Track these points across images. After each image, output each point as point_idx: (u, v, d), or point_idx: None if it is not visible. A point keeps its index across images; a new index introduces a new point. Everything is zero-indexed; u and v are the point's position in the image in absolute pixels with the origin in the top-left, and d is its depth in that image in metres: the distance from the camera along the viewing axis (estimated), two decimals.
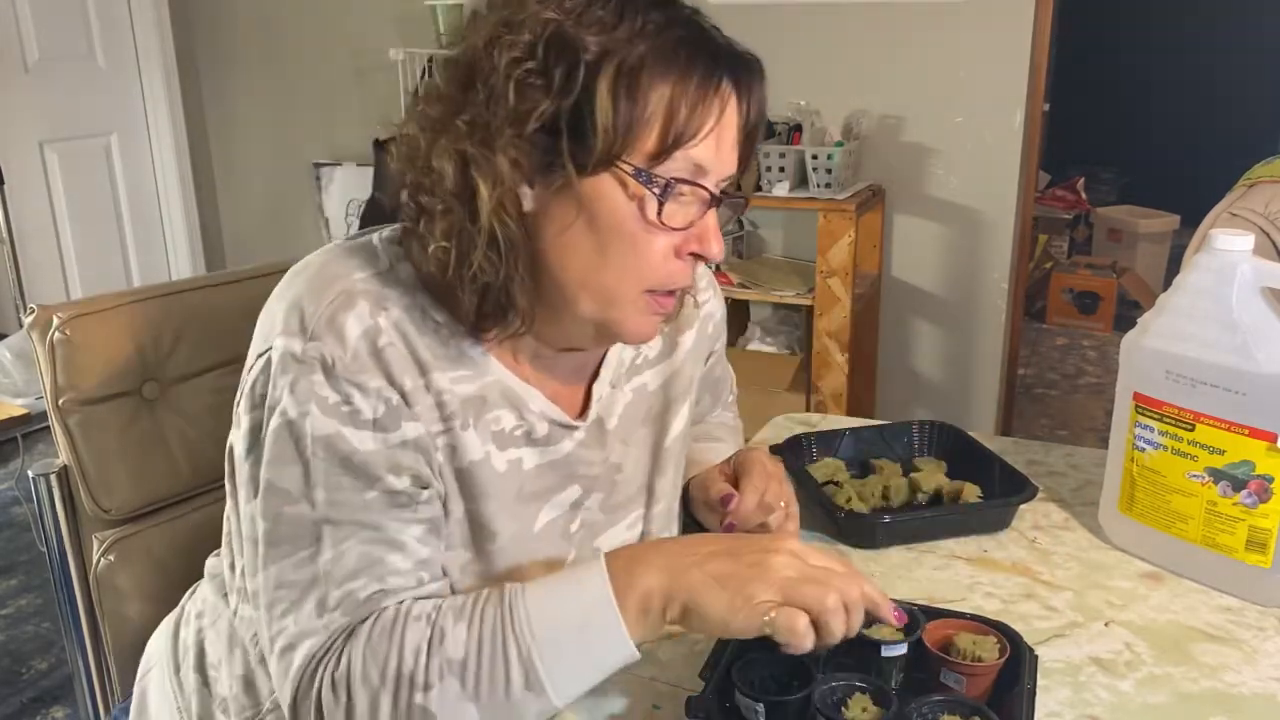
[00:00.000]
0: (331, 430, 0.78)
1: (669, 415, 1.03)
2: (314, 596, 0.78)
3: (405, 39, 3.39)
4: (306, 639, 0.77)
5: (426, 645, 0.76)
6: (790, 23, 2.94)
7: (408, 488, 0.81)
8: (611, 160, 0.78)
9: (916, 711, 0.78)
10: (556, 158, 0.78)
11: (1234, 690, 0.89)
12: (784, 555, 0.77)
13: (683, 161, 0.79)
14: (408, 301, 0.83)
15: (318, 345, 0.78)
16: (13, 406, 2.08)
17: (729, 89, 0.81)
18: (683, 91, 0.78)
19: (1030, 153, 2.89)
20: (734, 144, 0.83)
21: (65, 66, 3.53)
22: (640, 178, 0.78)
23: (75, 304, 1.04)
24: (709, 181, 0.81)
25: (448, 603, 0.78)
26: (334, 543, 0.78)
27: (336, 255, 0.86)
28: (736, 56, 0.82)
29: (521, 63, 0.77)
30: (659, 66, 0.78)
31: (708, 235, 0.83)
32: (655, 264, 0.82)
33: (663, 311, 0.86)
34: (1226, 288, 0.99)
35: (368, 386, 0.79)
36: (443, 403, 0.83)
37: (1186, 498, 1.04)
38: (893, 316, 3.11)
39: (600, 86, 0.76)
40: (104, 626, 1.10)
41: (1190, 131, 5.68)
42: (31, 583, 2.63)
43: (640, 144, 0.78)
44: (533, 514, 0.90)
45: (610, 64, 0.77)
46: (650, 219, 0.80)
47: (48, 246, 3.56)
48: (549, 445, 0.91)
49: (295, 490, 0.78)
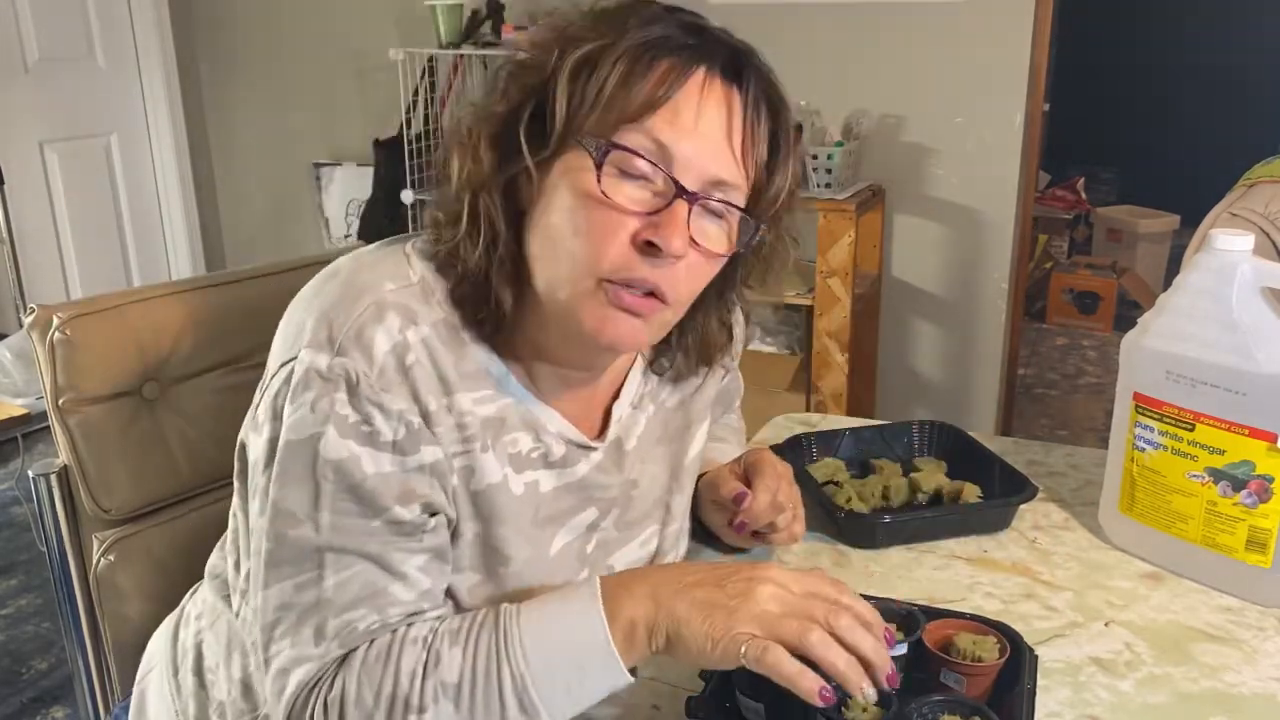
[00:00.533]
0: (345, 454, 0.77)
1: (688, 434, 1.02)
2: (313, 622, 0.78)
3: (405, 39, 3.39)
4: (301, 665, 0.77)
5: (422, 669, 0.76)
6: (790, 23, 2.94)
7: (414, 517, 0.80)
8: (566, 140, 0.79)
9: (916, 711, 0.78)
10: (519, 141, 0.80)
11: (1234, 690, 0.89)
12: (769, 586, 0.76)
13: (639, 137, 0.78)
14: (437, 317, 0.82)
15: (343, 361, 0.77)
16: (13, 406, 2.08)
17: (699, 70, 0.79)
18: (638, 65, 0.78)
19: (1030, 153, 2.89)
20: (719, 138, 0.80)
21: (65, 66, 3.53)
22: (584, 144, 0.78)
23: (75, 304, 1.04)
24: (677, 169, 0.78)
25: (444, 625, 0.78)
26: (336, 570, 0.78)
27: (368, 263, 0.85)
28: (723, 50, 0.81)
29: (519, 59, 0.83)
30: (624, 48, 0.78)
31: (666, 224, 0.77)
32: (602, 245, 0.78)
33: (625, 305, 0.80)
34: (1226, 288, 0.99)
35: (390, 409, 0.78)
36: (464, 424, 0.82)
37: (1186, 498, 1.04)
38: (893, 316, 3.11)
39: (563, 69, 0.79)
40: (104, 626, 1.10)
41: (1190, 131, 5.68)
42: (31, 583, 2.63)
43: (591, 120, 0.78)
44: (549, 537, 0.90)
45: (579, 51, 0.79)
46: (591, 190, 0.77)
47: (48, 246, 3.56)
48: (565, 467, 0.90)
49: (301, 512, 0.78)
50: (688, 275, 0.82)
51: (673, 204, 0.78)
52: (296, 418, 0.78)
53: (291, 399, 0.78)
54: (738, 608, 0.75)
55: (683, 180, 0.78)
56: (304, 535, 0.78)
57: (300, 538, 0.78)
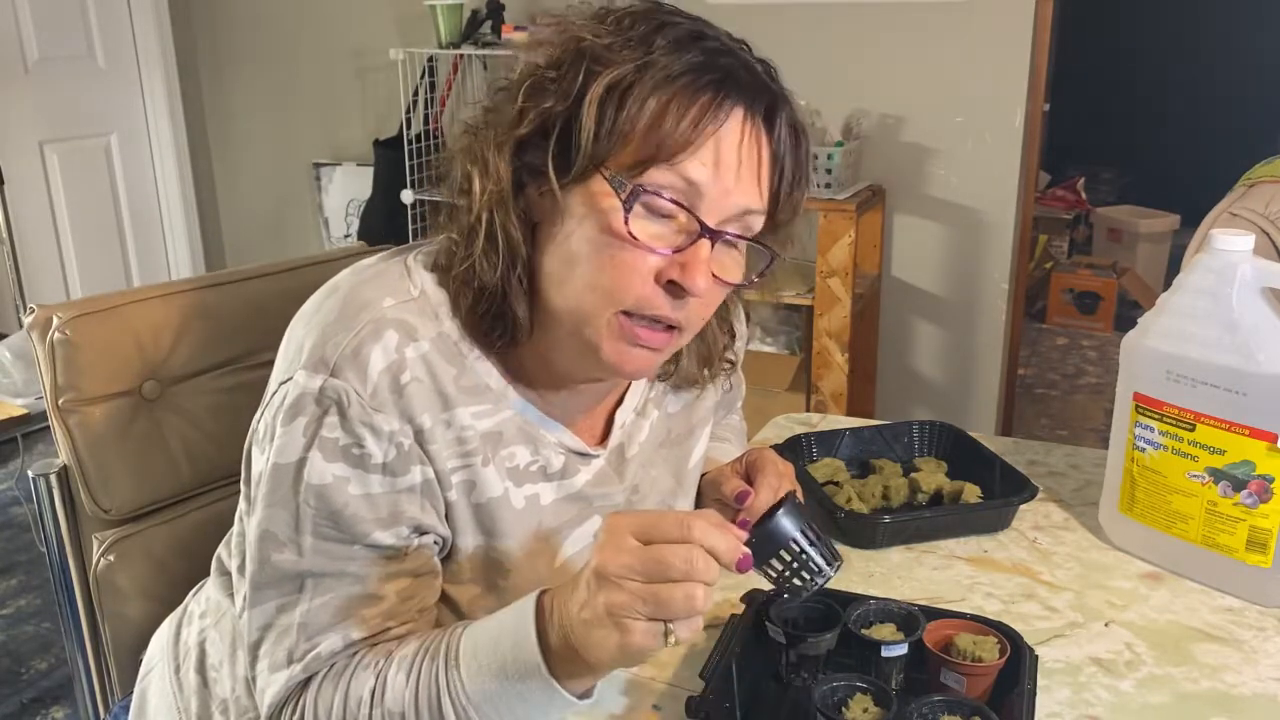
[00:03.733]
0: (329, 479, 0.78)
1: (691, 439, 1.03)
2: (286, 645, 0.80)
3: (405, 39, 3.39)
4: (274, 685, 0.81)
5: (370, 696, 0.77)
6: (790, 23, 2.94)
7: (397, 541, 0.81)
8: (592, 168, 0.77)
9: (916, 711, 0.78)
10: (544, 162, 0.78)
11: (1234, 690, 0.89)
12: (615, 562, 0.69)
13: (671, 176, 0.77)
14: (437, 331, 0.82)
15: (336, 384, 0.78)
16: (13, 406, 2.08)
17: (733, 108, 0.78)
18: (672, 103, 0.76)
19: (1030, 153, 2.89)
20: (735, 166, 0.78)
21: (65, 66, 3.52)
22: (614, 184, 0.77)
23: (75, 304, 1.04)
24: (703, 208, 0.78)
25: (399, 650, 0.79)
26: (314, 594, 0.80)
27: (367, 277, 0.84)
28: (750, 79, 0.79)
29: (540, 69, 0.79)
30: (655, 81, 0.76)
31: (691, 264, 0.78)
32: (626, 282, 0.78)
33: (642, 342, 0.81)
34: (1227, 288, 0.99)
35: (381, 430, 0.78)
36: (464, 438, 0.83)
37: (1187, 498, 1.04)
38: (893, 316, 3.11)
39: (591, 93, 0.76)
40: (104, 626, 1.10)
41: (1190, 131, 5.68)
42: (31, 583, 2.63)
43: (621, 153, 0.77)
44: (553, 549, 0.90)
45: (608, 74, 0.76)
46: (618, 229, 0.77)
47: (48, 246, 3.56)
48: (565, 479, 0.90)
49: (284, 535, 0.80)
50: (703, 305, 0.83)
51: (697, 242, 0.78)
52: (284, 441, 0.79)
53: (283, 422, 0.79)
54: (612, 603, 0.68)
55: (708, 219, 0.78)
56: (286, 559, 0.80)
57: (283, 561, 0.80)
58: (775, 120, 0.81)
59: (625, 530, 0.70)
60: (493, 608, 0.86)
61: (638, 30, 0.78)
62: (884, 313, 3.11)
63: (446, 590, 0.86)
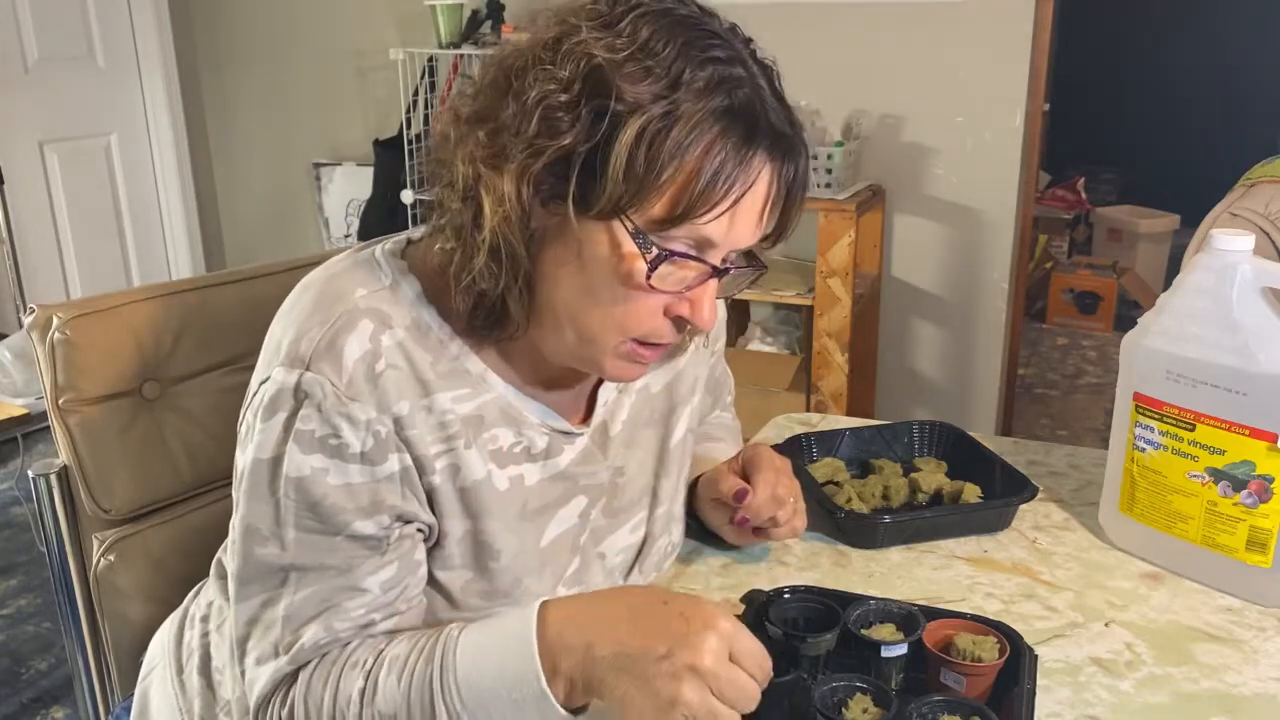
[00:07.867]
0: (307, 471, 0.78)
1: (673, 417, 1.03)
2: (271, 638, 0.81)
3: (405, 39, 3.39)
4: (261, 679, 0.81)
5: (359, 696, 0.78)
6: (790, 23, 2.94)
7: (379, 530, 0.81)
8: (615, 214, 0.76)
9: (916, 711, 0.78)
10: (563, 196, 0.76)
11: (1234, 690, 0.89)
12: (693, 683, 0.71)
13: (689, 232, 0.77)
14: (411, 318, 0.83)
15: (311, 376, 0.78)
16: (13, 406, 2.08)
17: (760, 167, 0.77)
18: (704, 164, 0.74)
19: (1030, 153, 2.89)
20: (755, 219, 0.79)
21: (65, 66, 3.52)
22: (637, 239, 0.76)
23: (75, 304, 1.04)
24: (715, 255, 0.79)
25: (390, 650, 0.79)
26: (298, 586, 0.80)
27: (338, 272, 0.85)
28: (778, 133, 0.78)
29: (554, 94, 0.75)
30: (687, 133, 0.74)
31: (699, 304, 0.80)
32: (639, 318, 0.81)
33: (645, 360, 0.85)
34: (1227, 288, 0.99)
35: (358, 419, 0.79)
36: (445, 422, 0.83)
37: (1187, 498, 1.04)
38: (893, 316, 3.11)
39: (621, 139, 0.73)
40: (104, 626, 1.10)
41: (1190, 131, 5.68)
42: (31, 583, 2.63)
43: (648, 206, 0.75)
44: (539, 529, 0.90)
45: (638, 119, 0.73)
46: (640, 283, 0.78)
47: (48, 246, 3.56)
48: (549, 458, 0.90)
49: (266, 529, 0.80)
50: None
51: (706, 282, 0.81)
52: (263, 437, 0.80)
53: (262, 419, 0.80)
54: (661, 695, 0.71)
55: (715, 260, 0.80)
56: (269, 553, 0.80)
57: (266, 555, 0.80)
58: (794, 164, 0.81)
59: (730, 639, 0.73)
60: (485, 591, 0.87)
61: (655, 45, 0.75)
62: (884, 313, 3.11)
63: (438, 577, 0.87)
